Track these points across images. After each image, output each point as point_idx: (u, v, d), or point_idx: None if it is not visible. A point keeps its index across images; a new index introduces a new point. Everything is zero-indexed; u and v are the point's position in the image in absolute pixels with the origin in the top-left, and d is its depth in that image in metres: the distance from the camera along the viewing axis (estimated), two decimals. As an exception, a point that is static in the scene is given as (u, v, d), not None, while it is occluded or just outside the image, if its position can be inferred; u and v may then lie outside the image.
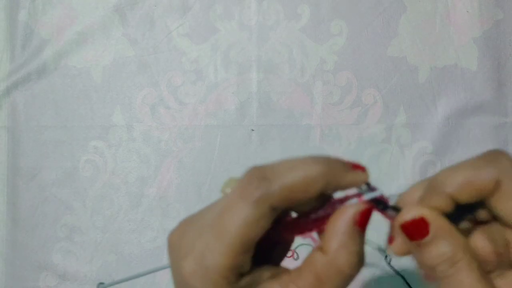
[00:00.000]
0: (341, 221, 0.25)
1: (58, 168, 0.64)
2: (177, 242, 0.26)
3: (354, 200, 0.26)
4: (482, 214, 0.28)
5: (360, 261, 0.25)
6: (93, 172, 0.64)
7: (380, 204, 0.26)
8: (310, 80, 0.63)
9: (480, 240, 0.28)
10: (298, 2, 0.64)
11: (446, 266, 0.25)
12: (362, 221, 0.25)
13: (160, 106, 0.64)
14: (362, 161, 0.63)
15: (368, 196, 0.26)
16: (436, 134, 0.63)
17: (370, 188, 0.26)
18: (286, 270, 0.27)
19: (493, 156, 0.26)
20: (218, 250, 0.24)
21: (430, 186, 0.27)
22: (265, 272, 0.26)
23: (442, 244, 0.25)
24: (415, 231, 0.25)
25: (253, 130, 0.63)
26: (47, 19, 0.65)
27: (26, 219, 0.63)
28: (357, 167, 0.26)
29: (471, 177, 0.25)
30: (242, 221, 0.24)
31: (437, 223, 0.25)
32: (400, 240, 0.27)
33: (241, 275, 0.25)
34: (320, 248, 0.25)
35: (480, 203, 0.26)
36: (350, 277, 0.25)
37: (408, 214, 0.26)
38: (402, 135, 0.63)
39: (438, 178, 0.27)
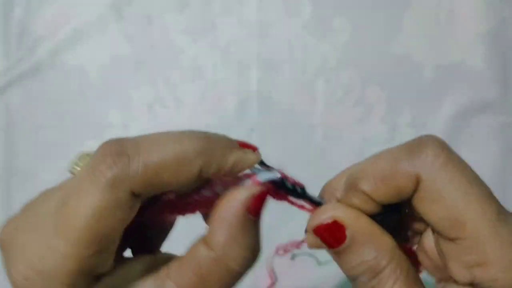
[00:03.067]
0: (229, 209, 0.20)
1: (53, 169, 0.62)
2: (7, 241, 0.20)
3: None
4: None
5: (254, 256, 0.21)
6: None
7: (282, 187, 0.22)
8: (312, 78, 0.63)
9: (429, 241, 0.23)
10: (299, -2, 0.64)
11: (367, 277, 0.21)
12: (255, 208, 0.20)
13: (158, 105, 0.63)
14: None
15: (262, 176, 0.21)
16: (441, 133, 0.62)
17: (267, 168, 0.22)
18: (166, 261, 0.21)
19: (417, 146, 0.21)
20: (59, 249, 0.19)
21: (348, 179, 0.22)
22: (137, 266, 0.21)
23: (362, 251, 0.21)
24: (331, 236, 0.21)
25: (253, 129, 0.62)
26: (42, 16, 0.64)
27: (21, 221, 0.62)
28: (246, 146, 0.22)
29: (387, 172, 0.21)
30: (90, 211, 0.18)
31: (356, 226, 0.21)
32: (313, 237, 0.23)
33: (97, 277, 0.20)
34: (204, 241, 0.21)
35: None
36: (241, 275, 0.21)
37: (321, 216, 0.21)
38: (406, 134, 0.62)
39: (353, 171, 0.22)
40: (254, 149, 0.22)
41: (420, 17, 0.63)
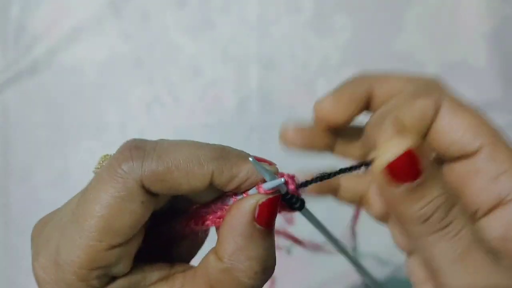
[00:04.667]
0: (236, 218, 0.20)
1: (50, 169, 0.62)
2: (36, 236, 0.21)
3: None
4: None
5: (264, 269, 0.20)
6: (86, 173, 0.63)
7: (291, 198, 0.21)
8: (313, 76, 0.62)
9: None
10: (300, -4, 0.63)
11: (442, 213, 0.20)
12: (263, 217, 0.20)
13: (156, 104, 0.63)
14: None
15: (269, 185, 0.20)
16: (444, 133, 0.62)
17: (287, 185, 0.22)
18: (182, 271, 0.22)
19: (429, 86, 0.24)
20: (75, 239, 0.19)
21: (394, 123, 0.22)
22: (152, 274, 0.21)
23: (438, 186, 0.20)
24: (403, 171, 0.19)
25: (253, 129, 0.62)
26: (39, 14, 0.64)
27: (18, 222, 0.61)
28: (262, 160, 0.21)
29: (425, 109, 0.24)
30: (104, 202, 0.19)
31: (428, 161, 0.20)
32: (377, 199, 0.25)
33: (112, 277, 0.20)
34: (214, 251, 0.20)
35: None
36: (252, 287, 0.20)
37: (392, 149, 0.20)
38: (408, 134, 0.62)
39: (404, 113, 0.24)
40: (270, 163, 0.22)
41: (422, 16, 0.63)
